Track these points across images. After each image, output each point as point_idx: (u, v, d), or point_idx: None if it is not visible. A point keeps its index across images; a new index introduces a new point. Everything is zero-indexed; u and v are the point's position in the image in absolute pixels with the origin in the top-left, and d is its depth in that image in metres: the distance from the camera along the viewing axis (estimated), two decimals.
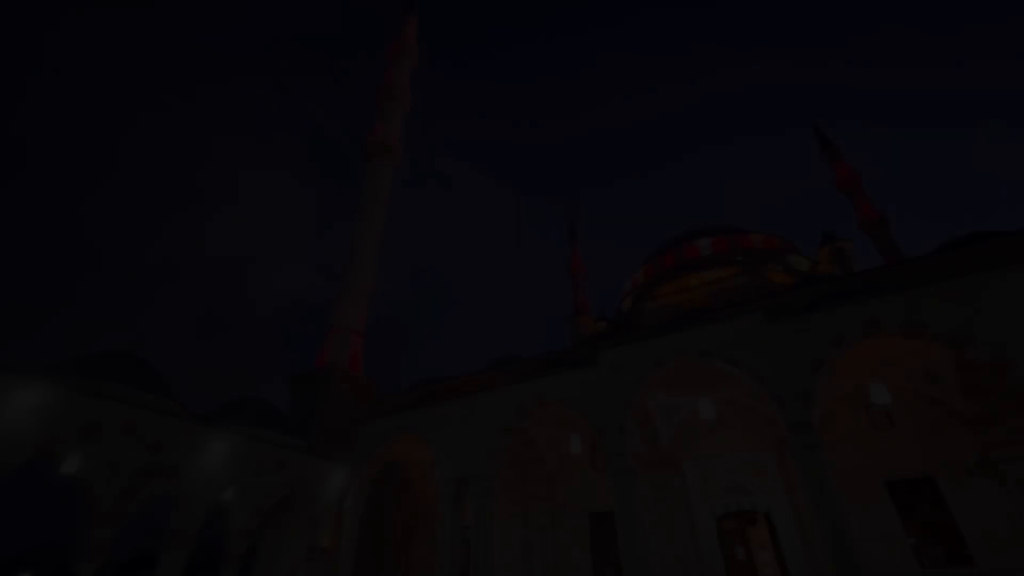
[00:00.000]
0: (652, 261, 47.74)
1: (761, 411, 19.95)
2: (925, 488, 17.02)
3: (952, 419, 17.28)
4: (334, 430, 25.45)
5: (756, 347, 16.54)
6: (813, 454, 14.31)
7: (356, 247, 33.76)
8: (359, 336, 30.82)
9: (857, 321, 15.42)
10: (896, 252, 47.22)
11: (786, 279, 35.71)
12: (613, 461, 17.12)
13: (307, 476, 21.08)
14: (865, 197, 52.46)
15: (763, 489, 19.32)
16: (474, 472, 19.68)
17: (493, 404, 20.83)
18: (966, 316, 14.02)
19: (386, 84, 42.81)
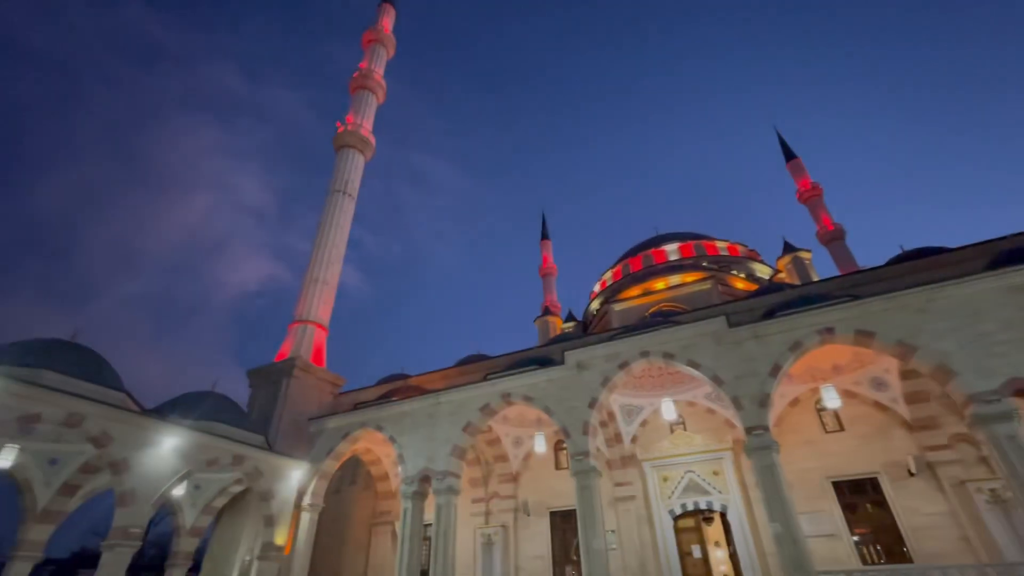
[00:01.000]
0: (621, 264, 48.53)
1: (720, 413, 20.55)
2: (869, 488, 17.90)
3: (895, 423, 18.23)
4: (294, 425, 24.79)
5: (717, 351, 17.01)
6: (768, 455, 14.82)
7: (323, 238, 32.94)
8: (323, 330, 30.11)
9: (813, 328, 16.05)
10: (851, 263, 49.47)
11: (748, 286, 36.91)
12: (576, 460, 17.29)
13: (264, 472, 20.46)
14: (825, 210, 54.78)
15: (720, 489, 19.90)
16: (437, 470, 19.53)
17: (459, 402, 20.71)
18: (913, 326, 14.80)
19: (359, 74, 41.93)
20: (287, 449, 23.17)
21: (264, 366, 27.20)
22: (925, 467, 17.14)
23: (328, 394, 28.10)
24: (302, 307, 30.17)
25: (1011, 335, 13.63)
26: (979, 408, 13.14)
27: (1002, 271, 14.45)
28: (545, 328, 51.49)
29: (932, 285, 15.07)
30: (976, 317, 14.21)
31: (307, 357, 27.82)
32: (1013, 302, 14.00)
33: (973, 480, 16.10)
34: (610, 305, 35.72)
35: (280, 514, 20.55)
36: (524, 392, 19.57)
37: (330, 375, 28.36)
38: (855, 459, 18.37)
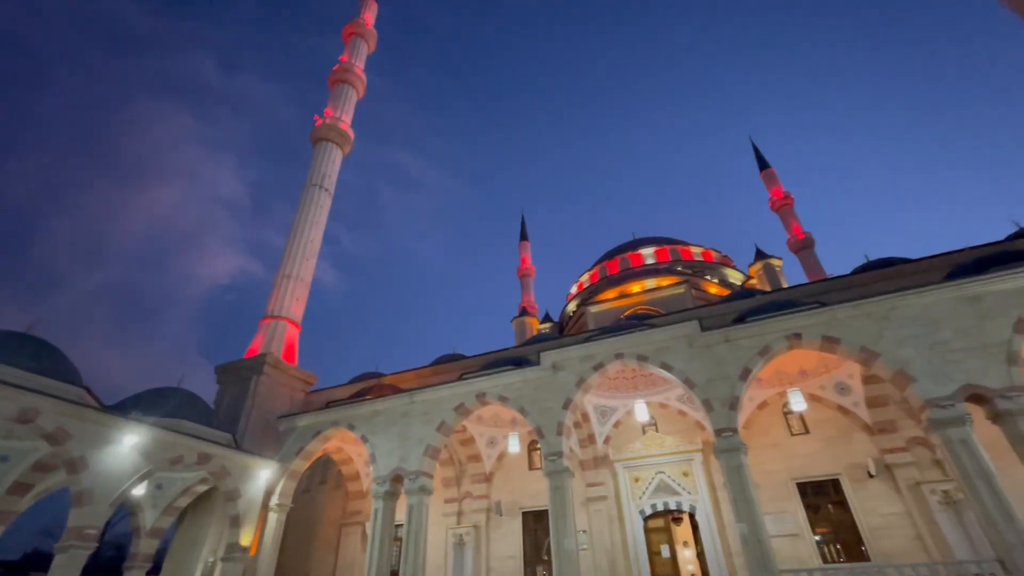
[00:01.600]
0: (598, 266, 48.98)
1: (691, 415, 20.93)
2: (830, 489, 18.49)
3: (857, 427, 18.87)
4: (263, 423, 24.22)
5: (690, 354, 17.32)
6: (736, 456, 15.16)
7: (297, 233, 32.28)
8: (295, 326, 29.52)
9: (782, 333, 16.49)
10: (819, 271, 51.03)
11: (721, 291, 37.71)
12: (550, 460, 17.37)
13: (231, 471, 19.92)
14: (795, 219, 56.37)
15: (689, 489, 20.27)
16: (410, 469, 19.35)
17: (433, 401, 20.57)
18: (875, 333, 15.35)
19: (339, 67, 41.27)
20: (256, 448, 22.62)
21: (233, 362, 26.50)
22: (883, 469, 17.79)
23: (299, 392, 27.55)
24: (274, 303, 29.51)
25: (966, 343, 14.27)
26: (935, 413, 13.70)
27: (958, 282, 15.11)
28: (522, 329, 51.57)
29: (894, 294, 15.66)
30: (934, 326, 14.83)
31: (278, 354, 27.21)
32: (968, 312, 14.65)
33: (927, 482, 16.79)
34: (587, 307, 36.00)
35: (246, 514, 20.04)
36: (499, 392, 19.56)
37: (302, 373, 27.81)
38: (819, 461, 18.95)
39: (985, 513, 12.52)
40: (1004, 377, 13.47)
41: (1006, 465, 13.48)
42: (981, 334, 14.24)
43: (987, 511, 12.45)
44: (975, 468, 12.85)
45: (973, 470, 12.85)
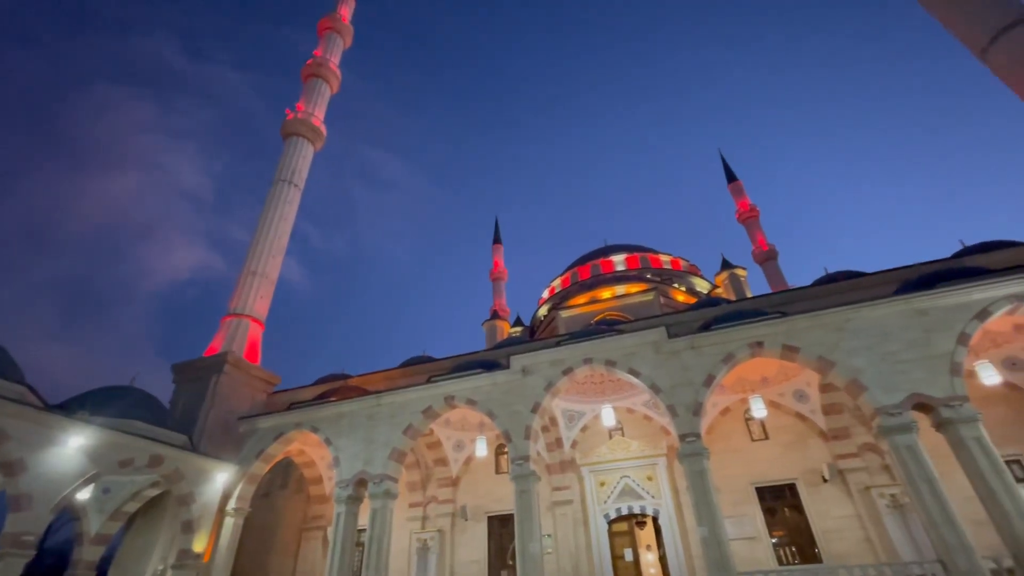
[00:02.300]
0: (570, 272, 49.45)
1: (657, 420, 21.31)
2: (787, 493, 19.13)
3: (813, 433, 19.60)
4: (222, 425, 23.38)
5: (656, 360, 17.64)
6: (699, 461, 15.51)
7: (264, 229, 31.40)
8: (259, 325, 28.66)
9: (745, 342, 16.99)
10: (781, 282, 52.89)
11: (688, 299, 38.62)
12: (517, 464, 17.36)
13: (186, 474, 19.12)
14: (760, 231, 58.32)
15: (653, 493, 20.60)
16: (375, 473, 19.00)
17: (401, 404, 20.28)
18: (832, 343, 15.99)
19: (313, 61, 40.46)
20: (213, 450, 21.80)
21: (192, 361, 25.52)
22: (836, 474, 18.52)
23: (261, 393, 26.74)
24: (237, 300, 28.58)
25: (913, 354, 15.02)
26: (884, 420, 14.36)
27: (908, 296, 15.90)
28: (493, 332, 51.51)
29: (849, 306, 16.35)
30: (885, 337, 15.55)
31: (240, 353, 26.35)
32: (916, 324, 15.43)
33: (877, 486, 17.55)
34: (558, 312, 36.26)
35: (201, 519, 19.26)
36: (468, 395, 19.45)
37: (264, 373, 27.01)
38: (777, 466, 19.57)
39: (928, 516, 13.18)
40: (947, 387, 14.24)
41: (947, 470, 14.22)
42: (927, 346, 15.02)
43: (930, 514, 13.11)
44: (920, 473, 13.52)
45: (918, 475, 13.51)
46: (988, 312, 14.96)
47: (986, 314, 14.96)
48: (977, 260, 18.80)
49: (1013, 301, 14.93)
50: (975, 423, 13.66)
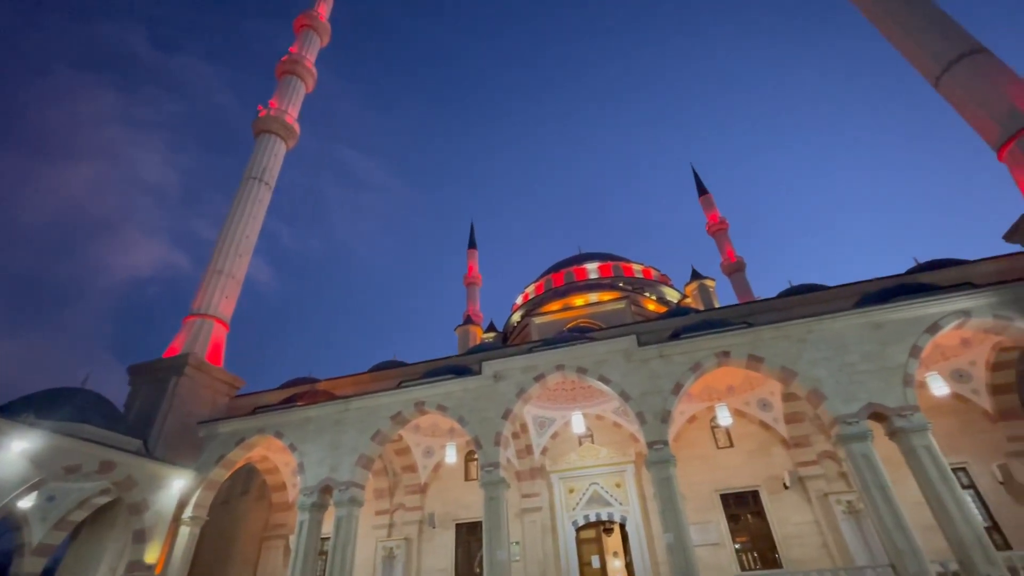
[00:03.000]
0: (544, 278, 49.71)
1: (626, 427, 21.54)
2: (750, 500, 19.59)
3: (775, 441, 20.16)
4: (181, 429, 22.46)
5: (626, 367, 17.87)
6: (666, 468, 15.73)
7: (232, 227, 30.50)
8: (223, 326, 27.74)
9: (712, 351, 17.38)
10: (748, 293, 54.43)
11: (658, 308, 39.31)
12: (486, 471, 17.25)
13: (139, 481, 18.28)
14: (729, 243, 59.97)
15: (621, 500, 20.78)
16: (341, 480, 18.57)
17: (369, 409, 19.92)
18: (794, 354, 16.52)
19: (289, 58, 39.72)
20: (170, 456, 20.92)
21: (150, 362, 24.48)
22: (797, 481, 19.08)
23: (224, 396, 25.84)
24: (201, 299, 27.62)
25: (870, 366, 15.66)
26: (842, 429, 14.90)
27: (865, 310, 16.60)
28: (465, 337, 51.19)
29: (811, 318, 16.95)
30: (844, 349, 16.17)
31: (202, 354, 25.43)
32: (873, 337, 16.11)
33: (834, 493, 18.17)
34: (531, 318, 36.36)
35: (154, 528, 18.42)
36: (439, 401, 19.26)
37: (227, 375, 26.13)
38: (741, 473, 20.03)
39: (881, 521, 13.70)
40: (900, 397, 14.89)
41: (899, 478, 14.83)
42: (883, 357, 15.69)
43: (882, 520, 13.63)
44: (874, 480, 14.06)
45: (872, 482, 14.05)
46: (938, 326, 15.74)
47: (936, 328, 15.73)
48: (928, 277, 19.77)
49: (960, 316, 15.76)
50: (925, 432, 14.31)
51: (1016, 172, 18.87)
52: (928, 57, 21.98)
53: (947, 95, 21.47)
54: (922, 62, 22.42)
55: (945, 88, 21.39)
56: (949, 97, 21.41)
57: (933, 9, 22.67)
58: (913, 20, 22.81)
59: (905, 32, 23.06)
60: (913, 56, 22.96)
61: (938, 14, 22.44)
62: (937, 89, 21.89)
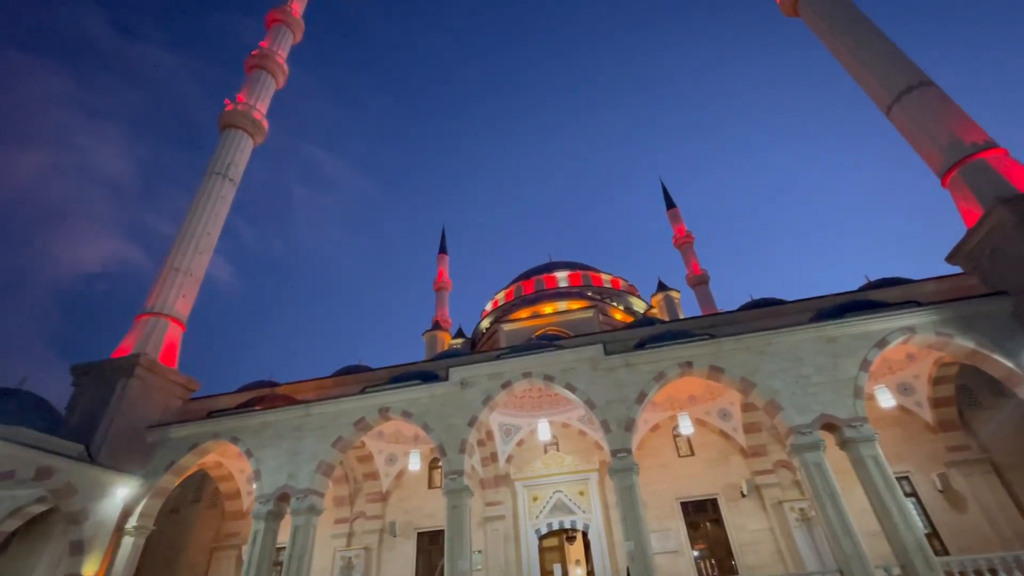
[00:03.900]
0: (514, 285, 49.85)
1: (591, 435, 21.73)
2: (709, 507, 20.04)
3: (734, 450, 20.73)
4: (128, 434, 21.28)
5: (593, 376, 18.07)
6: (628, 476, 15.94)
7: (193, 223, 29.33)
8: (179, 326, 26.57)
9: (675, 361, 17.77)
10: (711, 305, 56.00)
11: (625, 317, 39.99)
12: (450, 479, 17.06)
13: (80, 489, 17.22)
14: (695, 256, 61.65)
15: (584, 508, 20.90)
16: (299, 488, 18.01)
17: (331, 414, 19.43)
18: (754, 365, 17.07)
19: (259, 52, 38.74)
20: (116, 462, 19.78)
21: (97, 362, 23.14)
22: (754, 489, 19.65)
23: (177, 399, 24.66)
24: (156, 297, 26.38)
25: (823, 378, 16.34)
26: (797, 439, 15.46)
27: (820, 325, 17.34)
28: (433, 343, 50.71)
29: (770, 331, 17.58)
30: (800, 361, 16.83)
31: (155, 355, 24.23)
32: (827, 350, 16.83)
33: (788, 500, 18.79)
34: (500, 324, 36.35)
35: (94, 539, 17.35)
36: (404, 407, 18.97)
37: (181, 377, 24.97)
38: (701, 481, 20.49)
39: (830, 528, 14.26)
40: (851, 409, 15.59)
41: (848, 486, 15.48)
42: (835, 370, 16.41)
43: (832, 526, 14.20)
44: (825, 488, 14.64)
45: (823, 490, 14.63)
46: (886, 341, 16.59)
47: (884, 343, 16.57)
48: (878, 294, 20.79)
49: (906, 332, 16.65)
50: (873, 442, 15.02)
51: (957, 198, 20.16)
52: (881, 87, 23.30)
53: (897, 124, 22.79)
54: (875, 91, 23.76)
55: (895, 117, 22.70)
56: (899, 126, 22.74)
57: (886, 42, 24.10)
58: (867, 51, 24.18)
59: (860, 63, 24.39)
60: (867, 85, 24.29)
61: (890, 47, 23.86)
62: (888, 117, 23.22)
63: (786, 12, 29.64)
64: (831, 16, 26.14)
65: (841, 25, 25.57)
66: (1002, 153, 19.75)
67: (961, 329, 16.33)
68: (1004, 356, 15.69)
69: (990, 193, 18.11)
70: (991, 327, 16.25)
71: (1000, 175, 18.72)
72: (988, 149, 19.73)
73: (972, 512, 17.64)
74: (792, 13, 29.11)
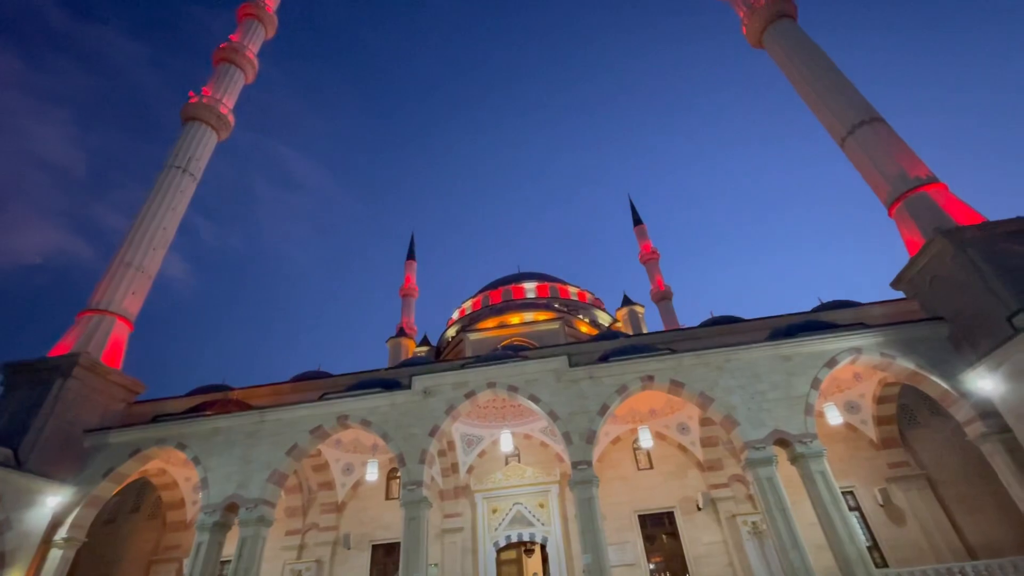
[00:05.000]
0: (482, 294, 49.73)
1: (553, 447, 21.75)
2: (666, 520, 20.33)
3: (691, 464, 21.15)
4: (63, 438, 19.91)
5: (556, 387, 18.15)
6: (588, 489, 16.01)
7: (147, 217, 27.99)
8: (127, 324, 25.19)
9: (637, 375, 18.06)
10: (674, 321, 57.37)
11: (590, 330, 40.44)
12: (408, 490, 16.71)
13: (3, 496, 15.97)
14: (659, 272, 63.17)
15: (543, 521, 20.83)
16: (249, 497, 17.24)
17: (287, 421, 18.77)
18: (712, 381, 17.53)
19: (228, 45, 37.65)
20: (48, 468, 18.44)
21: (31, 360, 21.61)
22: (709, 503, 20.06)
23: (120, 402, 23.28)
24: (103, 293, 24.95)
25: (778, 395, 16.93)
26: (751, 454, 15.92)
27: (775, 343, 18.01)
28: (397, 350, 49.84)
29: (729, 348, 18.12)
30: (756, 378, 17.39)
31: (97, 355, 22.84)
32: (781, 368, 17.46)
33: (741, 514, 19.27)
34: (466, 333, 36.10)
35: (17, 552, 16.09)
36: (364, 415, 18.51)
37: (125, 379, 23.61)
38: (659, 494, 20.78)
39: (780, 541, 14.70)
40: (801, 425, 16.19)
41: (796, 500, 16.02)
42: (789, 387, 17.04)
43: (781, 539, 14.63)
44: (776, 502, 15.10)
45: (775, 504, 15.08)
46: (836, 361, 17.36)
47: (834, 363, 17.35)
48: (830, 315, 21.78)
49: (853, 353, 17.49)
50: (821, 458, 15.62)
51: (902, 228, 21.43)
52: (836, 120, 24.64)
53: (850, 155, 24.12)
54: (831, 124, 25.10)
55: (849, 149, 24.03)
56: (851, 157, 24.07)
57: (841, 78, 25.56)
58: (824, 86, 25.56)
59: (818, 96, 25.75)
60: (824, 117, 25.65)
61: (845, 83, 25.31)
62: (842, 148, 24.55)
63: (752, 44, 31.07)
64: (792, 51, 27.55)
65: (801, 60, 26.97)
66: (942, 188, 21.16)
67: (903, 351, 17.27)
68: (940, 377, 16.67)
69: (931, 224, 19.34)
70: (929, 350, 17.27)
71: (940, 208, 20.03)
72: (930, 183, 21.11)
73: (910, 526, 18.55)
74: (758, 45, 30.52)
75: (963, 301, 17.70)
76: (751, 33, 30.42)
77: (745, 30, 30.97)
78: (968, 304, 17.49)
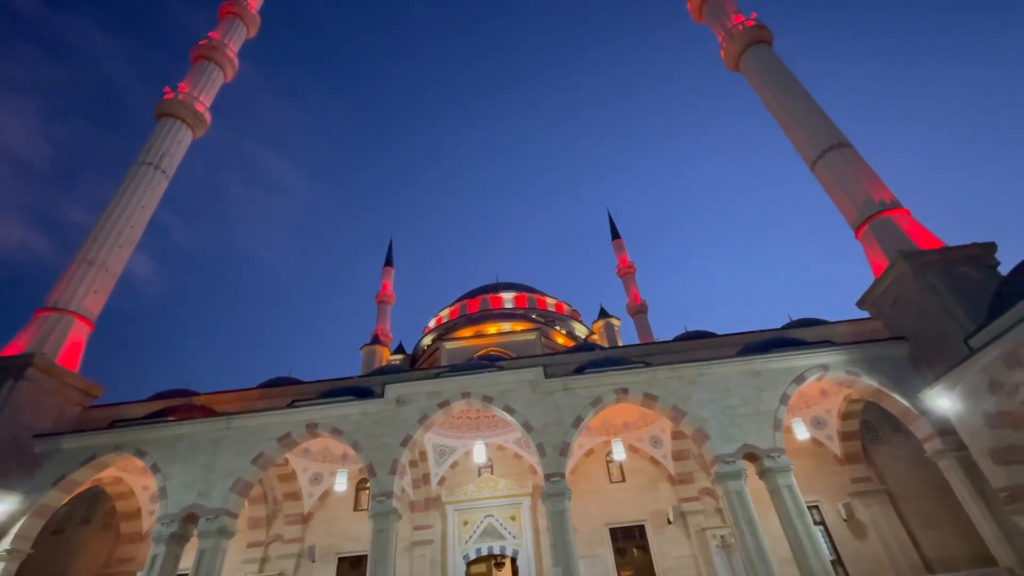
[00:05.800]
0: (459, 303, 49.50)
1: (526, 459, 21.63)
2: (636, 534, 20.37)
3: (663, 477, 21.29)
4: (11, 443, 18.85)
5: (531, 398, 18.09)
6: (560, 501, 15.94)
7: (115, 214, 27.04)
8: (86, 324, 24.15)
9: (612, 387, 18.16)
10: (649, 334, 58.08)
11: (567, 342, 40.61)
12: (378, 501, 16.35)
13: None
14: (635, 286, 64.01)
15: (515, 534, 20.63)
16: (210, 507, 16.59)
17: (254, 429, 18.20)
18: (685, 394, 17.74)
19: (208, 42, 36.96)
20: None
21: None
22: (680, 516, 20.20)
23: (75, 406, 22.22)
24: (62, 291, 23.89)
25: (748, 409, 17.23)
26: (721, 468, 16.12)
27: (746, 359, 18.37)
28: (371, 357, 49.06)
29: (702, 363, 18.40)
30: (727, 392, 17.68)
31: (53, 355, 21.80)
32: (752, 383, 17.80)
33: (710, 527, 19.44)
34: (442, 342, 35.81)
35: None
36: (334, 424, 18.10)
37: (82, 381, 22.56)
38: (631, 507, 20.82)
39: (747, 554, 14.86)
40: (770, 440, 16.49)
41: (764, 514, 16.26)
42: (759, 402, 17.37)
43: (749, 553, 14.80)
44: (744, 516, 15.29)
45: (743, 518, 15.27)
46: (804, 377, 17.80)
47: (802, 379, 17.78)
48: (799, 333, 22.36)
49: (820, 370, 17.96)
50: (788, 473, 15.92)
51: (867, 250, 22.24)
52: (807, 144, 25.55)
53: (820, 178, 24.99)
54: (802, 147, 26.02)
55: (819, 172, 24.90)
56: (821, 180, 24.94)
57: (812, 104, 26.55)
58: (796, 110, 26.52)
59: (791, 120, 26.69)
60: (796, 140, 26.58)
61: (816, 109, 26.30)
62: (813, 171, 25.43)
63: (730, 68, 32.05)
64: (767, 76, 28.53)
65: (775, 85, 27.95)
66: (905, 213, 22.07)
67: (867, 369, 17.82)
68: (901, 395, 17.25)
69: (894, 248, 20.12)
70: (891, 368, 17.86)
71: (903, 232, 20.87)
72: (894, 208, 22.00)
73: (872, 540, 19.02)
74: (735, 69, 31.49)
75: (923, 322, 18.42)
76: (729, 57, 31.39)
77: (723, 54, 31.94)
78: (928, 325, 18.20)
